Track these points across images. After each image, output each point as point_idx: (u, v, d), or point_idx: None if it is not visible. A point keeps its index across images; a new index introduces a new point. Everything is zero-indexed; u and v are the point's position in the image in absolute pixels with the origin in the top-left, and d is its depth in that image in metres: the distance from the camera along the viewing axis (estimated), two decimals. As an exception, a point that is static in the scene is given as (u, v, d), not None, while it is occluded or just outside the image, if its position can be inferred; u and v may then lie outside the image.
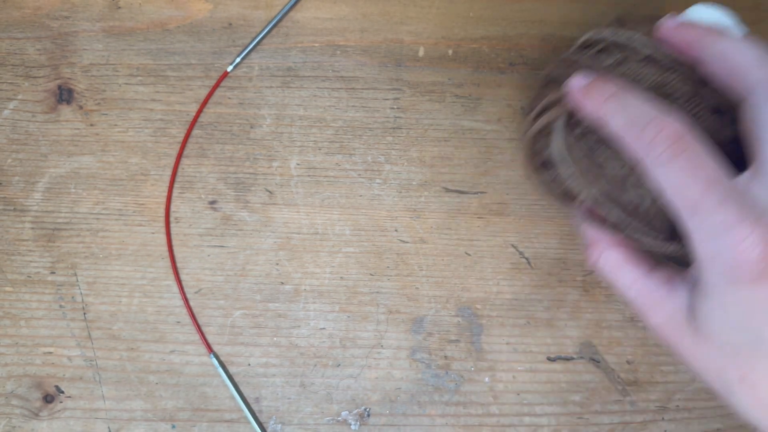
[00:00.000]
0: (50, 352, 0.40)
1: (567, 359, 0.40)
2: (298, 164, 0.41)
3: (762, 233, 0.24)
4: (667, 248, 0.29)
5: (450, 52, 0.42)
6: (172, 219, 0.41)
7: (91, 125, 0.41)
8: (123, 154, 0.41)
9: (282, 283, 0.40)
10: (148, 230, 0.41)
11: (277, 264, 0.40)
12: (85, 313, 0.40)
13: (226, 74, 0.42)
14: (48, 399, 0.39)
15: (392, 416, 0.39)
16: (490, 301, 0.40)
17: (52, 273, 0.40)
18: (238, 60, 0.41)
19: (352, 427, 0.39)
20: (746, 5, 0.42)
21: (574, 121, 0.29)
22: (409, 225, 0.41)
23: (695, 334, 0.27)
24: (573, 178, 0.30)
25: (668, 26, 0.29)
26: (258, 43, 0.42)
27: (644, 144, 0.26)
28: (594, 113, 0.28)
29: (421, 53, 0.42)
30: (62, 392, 0.39)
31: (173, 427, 0.39)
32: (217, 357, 0.40)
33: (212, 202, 0.41)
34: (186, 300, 0.40)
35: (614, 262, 0.30)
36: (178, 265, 0.40)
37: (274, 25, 0.42)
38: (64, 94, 0.42)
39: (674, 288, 0.28)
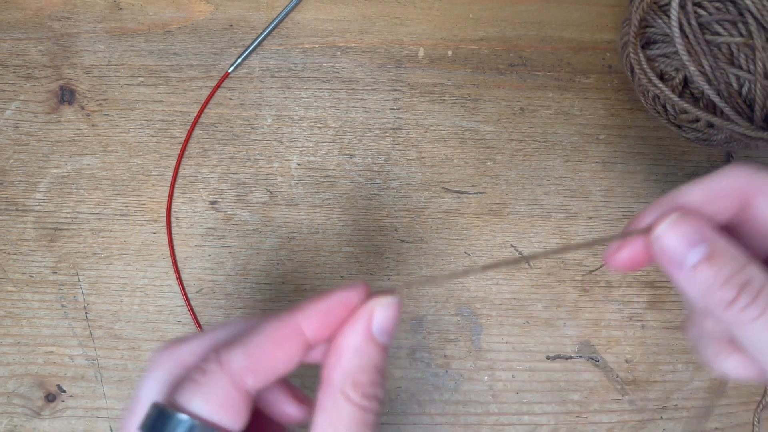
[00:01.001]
0: (52, 352, 0.40)
1: (566, 358, 0.40)
2: (298, 164, 0.41)
3: None
4: (760, 135, 0.31)
5: (449, 53, 0.42)
6: (173, 219, 0.41)
7: (93, 126, 0.42)
8: (124, 155, 0.41)
9: (283, 282, 0.40)
10: (149, 230, 0.41)
11: (278, 264, 0.41)
12: (86, 313, 0.40)
13: (227, 75, 0.42)
14: (50, 398, 0.39)
15: (392, 415, 0.40)
16: (489, 300, 0.40)
17: (54, 273, 0.40)
18: (239, 61, 0.42)
19: (353, 425, 0.40)
20: None
21: None
22: (408, 225, 0.41)
23: None
24: (679, 54, 0.31)
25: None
26: (259, 45, 0.42)
27: None
28: None
29: (420, 54, 0.42)
30: (64, 391, 0.39)
31: (174, 426, 0.39)
32: (218, 356, 0.40)
33: (213, 202, 0.41)
34: (187, 299, 0.40)
35: None
36: (180, 264, 0.41)
37: (275, 27, 0.42)
38: (66, 95, 0.42)
39: None
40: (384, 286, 0.40)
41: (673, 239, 0.22)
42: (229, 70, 0.42)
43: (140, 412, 0.22)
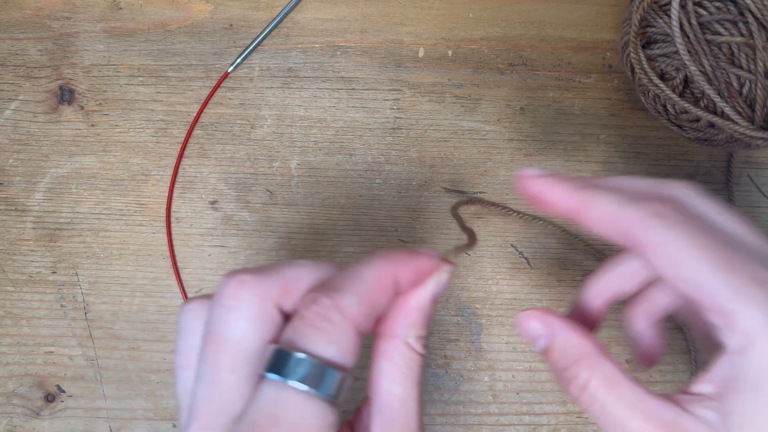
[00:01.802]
0: (51, 352, 0.40)
1: (566, 359, 0.40)
2: (298, 164, 0.41)
3: None
4: (761, 135, 0.31)
5: (450, 52, 0.42)
6: (173, 219, 0.41)
7: (93, 126, 0.41)
8: (124, 155, 0.41)
9: (282, 282, 0.40)
10: (149, 230, 0.41)
11: (278, 264, 0.40)
12: (86, 313, 0.40)
13: (226, 75, 0.42)
14: (49, 398, 0.39)
15: (392, 415, 0.40)
16: (489, 300, 0.40)
17: (54, 273, 0.40)
18: (238, 61, 0.42)
19: (353, 426, 0.40)
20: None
21: None
22: (409, 225, 0.41)
23: None
24: (679, 54, 0.31)
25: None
26: (258, 44, 0.42)
27: None
28: None
29: (420, 54, 0.42)
30: (63, 391, 0.39)
31: (174, 426, 0.39)
32: (217, 356, 0.40)
33: (213, 202, 0.41)
34: (187, 300, 0.40)
35: (609, 379, 0.25)
36: (179, 264, 0.40)
37: (275, 26, 0.42)
38: (66, 95, 0.42)
39: (694, 403, 0.23)
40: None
41: (527, 328, 0.27)
42: (229, 70, 0.42)
43: (232, 352, 0.23)
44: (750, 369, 0.22)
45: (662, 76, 0.35)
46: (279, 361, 0.22)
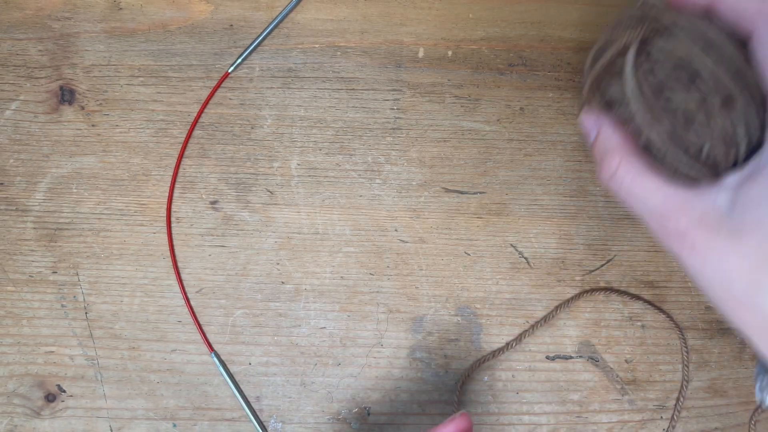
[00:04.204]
0: (52, 352, 0.40)
1: (566, 358, 0.40)
2: (298, 164, 0.41)
3: None
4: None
5: (449, 53, 0.42)
6: (173, 219, 0.41)
7: (93, 126, 0.42)
8: (124, 155, 0.41)
9: (283, 282, 0.40)
10: (149, 230, 0.41)
11: (278, 264, 0.41)
12: (86, 313, 0.40)
13: (227, 75, 0.42)
14: (50, 398, 0.39)
15: (392, 415, 0.40)
16: (489, 300, 0.40)
17: (54, 272, 0.40)
18: (239, 61, 0.42)
19: (353, 425, 0.40)
20: None
21: (643, 56, 0.30)
22: (408, 225, 0.41)
23: (732, 230, 0.25)
24: (637, 116, 0.30)
25: None
26: (259, 45, 0.42)
27: None
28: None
29: (420, 54, 0.42)
30: (64, 391, 0.39)
31: (174, 425, 0.39)
32: (218, 356, 0.40)
33: (213, 202, 0.41)
34: (187, 299, 0.40)
35: (636, 169, 0.28)
36: (180, 264, 0.40)
37: (275, 27, 0.42)
38: (66, 95, 0.42)
39: (704, 190, 0.27)
40: (384, 285, 0.40)
41: (583, 124, 0.31)
42: (229, 70, 0.42)
43: None
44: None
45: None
46: None
